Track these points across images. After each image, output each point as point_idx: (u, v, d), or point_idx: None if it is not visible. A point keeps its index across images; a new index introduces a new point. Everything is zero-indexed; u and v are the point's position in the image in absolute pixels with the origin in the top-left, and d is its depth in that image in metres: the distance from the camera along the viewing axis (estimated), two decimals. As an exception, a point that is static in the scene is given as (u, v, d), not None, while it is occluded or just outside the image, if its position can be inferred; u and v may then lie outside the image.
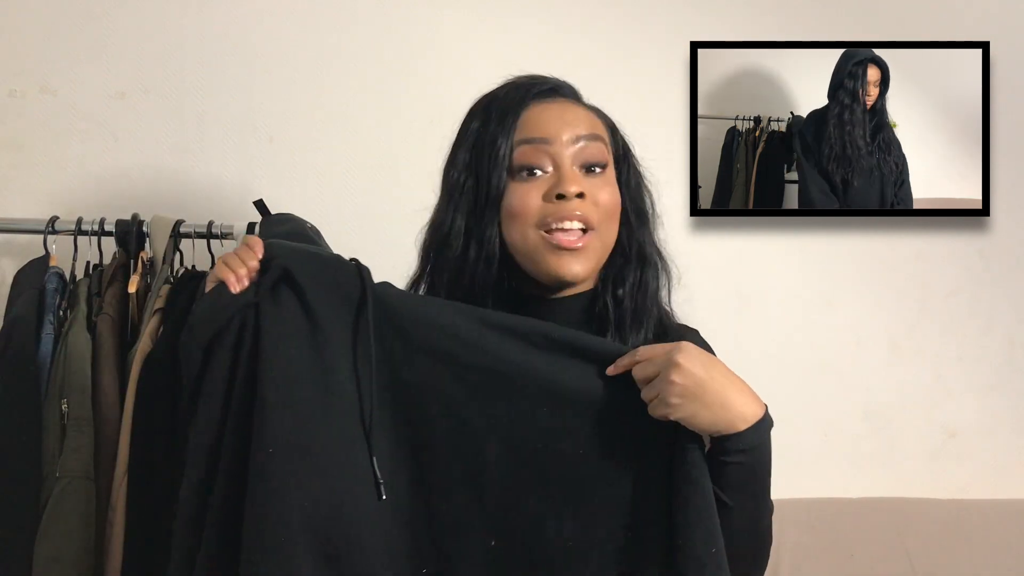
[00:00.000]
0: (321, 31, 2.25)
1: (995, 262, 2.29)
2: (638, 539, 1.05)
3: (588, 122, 1.17)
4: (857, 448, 2.27)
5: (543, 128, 1.14)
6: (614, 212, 1.16)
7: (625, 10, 2.28)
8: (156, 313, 1.86)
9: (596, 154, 1.15)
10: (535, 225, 1.13)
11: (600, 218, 1.14)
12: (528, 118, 1.15)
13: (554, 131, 1.14)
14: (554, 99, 1.18)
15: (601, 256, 1.16)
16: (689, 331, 1.24)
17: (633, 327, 1.17)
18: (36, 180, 2.21)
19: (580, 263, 1.13)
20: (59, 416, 1.80)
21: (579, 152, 1.14)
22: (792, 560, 2.04)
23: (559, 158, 1.13)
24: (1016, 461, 2.29)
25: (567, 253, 1.12)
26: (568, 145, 1.14)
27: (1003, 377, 2.29)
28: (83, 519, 1.77)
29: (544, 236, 1.13)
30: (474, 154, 1.16)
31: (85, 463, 1.79)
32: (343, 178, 2.25)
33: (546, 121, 1.15)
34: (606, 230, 1.16)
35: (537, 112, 1.16)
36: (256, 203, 2.02)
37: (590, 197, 1.13)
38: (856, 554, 2.05)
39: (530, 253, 1.14)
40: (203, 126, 2.24)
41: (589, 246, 1.14)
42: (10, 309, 1.86)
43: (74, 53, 2.22)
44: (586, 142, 1.15)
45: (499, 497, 1.05)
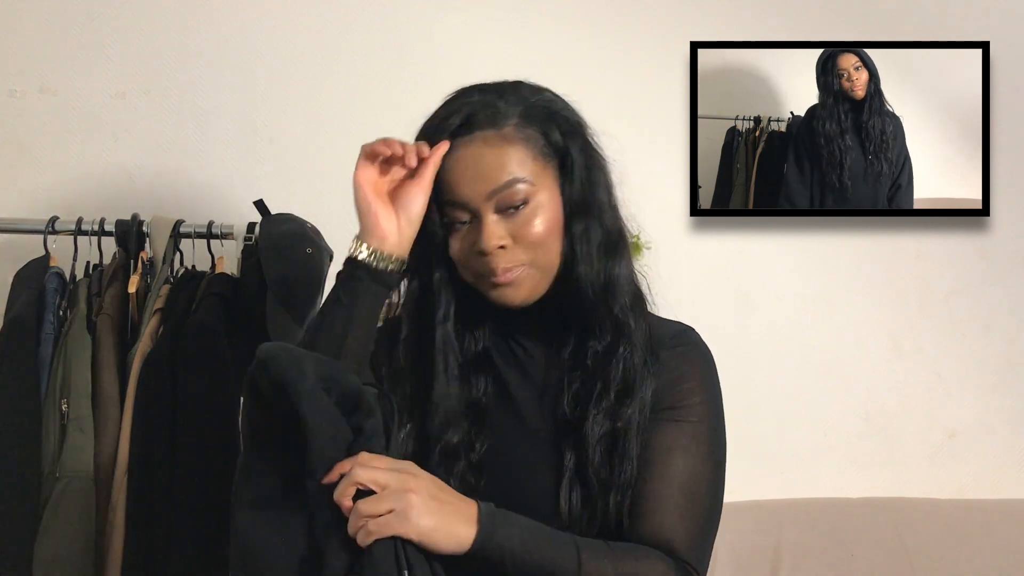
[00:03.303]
0: (321, 31, 2.26)
1: (995, 262, 2.29)
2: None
3: (503, 168, 1.15)
4: (857, 448, 2.27)
5: (456, 190, 1.16)
6: (545, 238, 1.16)
7: (625, 10, 2.28)
8: (156, 313, 1.86)
9: (512, 197, 1.15)
10: (472, 272, 1.17)
11: (528, 253, 1.15)
12: (445, 175, 1.17)
13: (467, 193, 1.15)
14: (469, 137, 1.17)
15: (542, 277, 1.17)
16: (682, 328, 1.24)
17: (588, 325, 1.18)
18: (36, 180, 2.21)
19: (519, 292, 1.16)
20: (59, 416, 1.80)
21: (498, 201, 1.15)
22: (792, 560, 2.04)
23: (477, 212, 1.15)
24: (1016, 461, 2.29)
25: (503, 287, 1.16)
26: (484, 200, 1.15)
27: (1003, 377, 2.29)
28: (83, 519, 1.77)
29: (481, 279, 1.17)
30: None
31: (85, 463, 1.79)
32: (343, 178, 2.24)
33: (459, 181, 1.15)
34: (541, 255, 1.16)
35: (453, 167, 1.16)
36: (256, 203, 2.03)
37: (513, 241, 1.15)
38: (856, 554, 2.05)
39: (475, 286, 1.18)
40: (203, 126, 2.24)
41: (524, 276, 1.16)
42: (10, 309, 1.86)
43: (74, 53, 2.22)
44: (501, 191, 1.14)
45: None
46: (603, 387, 1.16)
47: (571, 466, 1.15)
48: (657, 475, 1.13)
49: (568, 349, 1.20)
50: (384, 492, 0.98)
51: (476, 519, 1.02)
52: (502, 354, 1.23)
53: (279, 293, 1.84)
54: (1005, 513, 2.14)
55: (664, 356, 1.18)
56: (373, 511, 0.97)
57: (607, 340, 1.17)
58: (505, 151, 1.15)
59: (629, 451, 1.14)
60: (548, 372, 1.21)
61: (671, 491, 1.13)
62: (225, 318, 1.84)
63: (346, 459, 0.99)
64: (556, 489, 1.14)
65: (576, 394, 1.17)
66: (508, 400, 1.21)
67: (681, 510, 1.12)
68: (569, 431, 1.16)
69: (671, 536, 1.11)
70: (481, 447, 1.18)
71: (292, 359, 1.01)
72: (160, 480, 1.74)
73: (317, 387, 0.99)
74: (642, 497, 1.13)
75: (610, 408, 1.15)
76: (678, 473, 1.14)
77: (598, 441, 1.14)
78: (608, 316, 1.18)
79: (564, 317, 1.20)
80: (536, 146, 1.17)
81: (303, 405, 0.98)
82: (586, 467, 1.14)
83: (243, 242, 1.97)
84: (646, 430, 1.15)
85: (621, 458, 1.14)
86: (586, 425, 1.14)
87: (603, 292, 1.18)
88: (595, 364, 1.17)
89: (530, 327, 1.22)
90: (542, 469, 1.16)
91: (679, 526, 1.12)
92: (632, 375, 1.16)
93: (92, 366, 1.83)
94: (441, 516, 1.00)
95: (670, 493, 1.13)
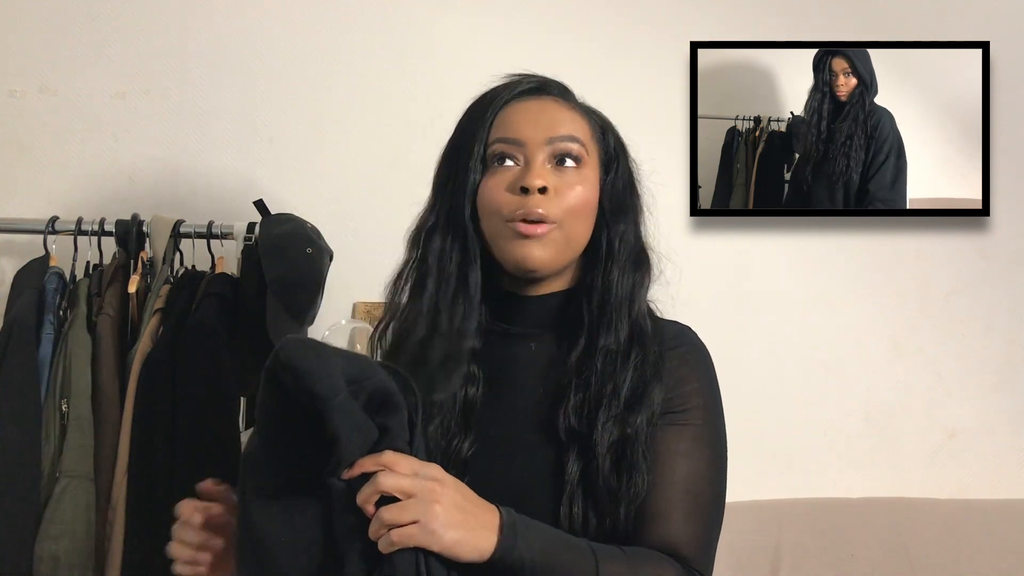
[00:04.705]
0: (321, 31, 2.26)
1: (995, 262, 2.29)
2: None
3: (567, 124, 1.18)
4: (857, 448, 2.27)
5: (516, 129, 1.16)
6: (582, 209, 1.17)
7: (625, 10, 2.28)
8: (156, 313, 1.86)
9: (569, 148, 1.17)
10: (501, 215, 1.15)
11: (563, 213, 1.15)
12: (505, 116, 1.18)
13: (527, 133, 1.16)
14: (538, 97, 1.19)
15: (564, 248, 1.17)
16: (680, 328, 1.23)
17: (604, 326, 1.17)
18: (36, 180, 2.21)
19: (540, 249, 1.15)
20: (59, 416, 1.80)
21: (552, 149, 1.16)
22: (792, 560, 2.04)
23: (530, 155, 1.16)
24: (1016, 461, 2.29)
25: (528, 240, 1.14)
26: (540, 145, 1.16)
27: (1003, 377, 2.29)
28: (83, 519, 1.77)
29: (508, 225, 1.15)
30: (455, 150, 1.21)
31: (85, 463, 1.79)
32: (343, 178, 2.25)
33: (520, 122, 1.17)
34: (570, 225, 1.16)
35: (515, 111, 1.18)
36: (256, 203, 2.03)
37: (554, 191, 1.15)
38: (856, 554, 2.05)
39: (496, 240, 1.17)
40: (203, 126, 2.24)
41: (550, 236, 1.15)
42: (10, 309, 1.86)
43: (74, 53, 2.22)
44: (560, 140, 1.16)
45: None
46: (613, 392, 1.13)
47: (574, 478, 1.11)
48: (660, 479, 1.12)
49: (576, 352, 1.17)
50: (409, 502, 0.96)
51: (498, 528, 1.00)
52: (499, 349, 1.20)
53: (279, 293, 1.84)
54: (1005, 513, 2.14)
55: (664, 357, 1.17)
56: (397, 520, 0.95)
57: (622, 342, 1.16)
58: (572, 115, 1.19)
59: (637, 460, 1.11)
60: (548, 373, 1.18)
61: (675, 496, 1.12)
62: (225, 318, 1.84)
63: (368, 457, 0.97)
64: (555, 504, 1.11)
65: (581, 401, 1.14)
66: (499, 400, 1.18)
67: (686, 515, 1.11)
68: (574, 440, 1.13)
69: (677, 541, 1.10)
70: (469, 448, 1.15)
71: (322, 365, 0.98)
72: (160, 480, 1.74)
73: (349, 397, 0.97)
74: (646, 502, 1.12)
75: (620, 415, 1.12)
76: (681, 477, 1.12)
77: (608, 450, 1.11)
78: (627, 318, 1.17)
79: (578, 314, 1.19)
80: (595, 132, 1.21)
81: (335, 416, 0.96)
82: (595, 478, 1.11)
83: (243, 242, 1.97)
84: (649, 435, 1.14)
85: (630, 468, 1.11)
86: (595, 433, 1.11)
87: (629, 294, 1.18)
88: (605, 366, 1.15)
89: (542, 318, 1.20)
90: (537, 482, 1.13)
91: (684, 531, 1.11)
92: (644, 381, 1.14)
93: (92, 366, 1.83)
94: (465, 529, 0.98)
95: (674, 498, 1.11)
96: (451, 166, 1.20)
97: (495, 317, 1.20)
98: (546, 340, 1.20)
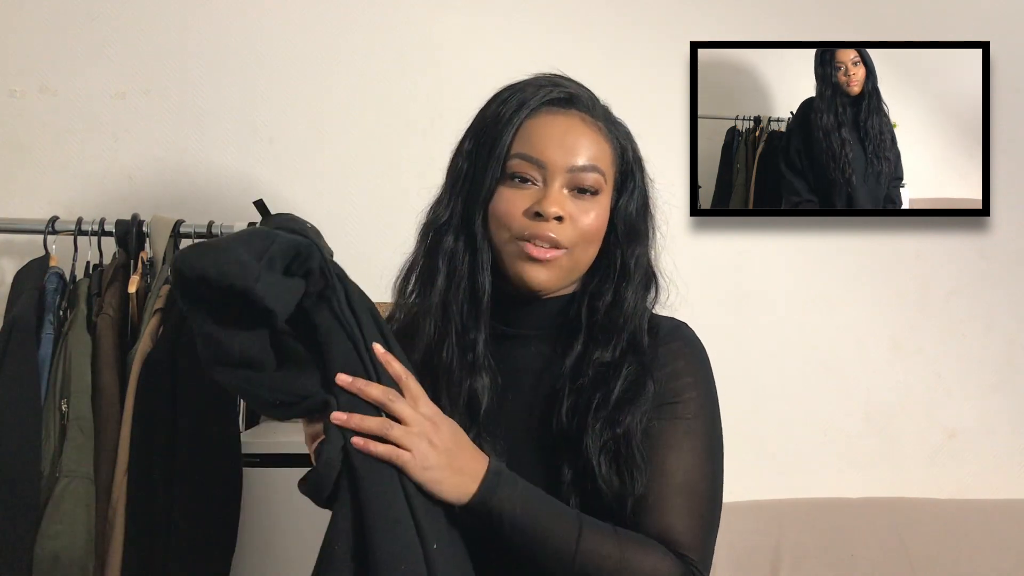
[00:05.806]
0: (321, 31, 2.26)
1: (995, 262, 2.29)
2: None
3: (590, 149, 1.17)
4: (857, 448, 2.27)
5: (540, 148, 1.16)
6: (594, 235, 1.18)
7: (625, 10, 2.28)
8: (156, 313, 1.86)
9: (586, 181, 1.16)
10: (511, 231, 1.16)
11: (575, 239, 1.16)
12: (531, 129, 1.17)
13: (550, 155, 1.15)
14: (566, 112, 1.18)
15: (570, 272, 1.18)
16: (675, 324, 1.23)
17: (602, 340, 1.18)
18: (36, 180, 2.21)
19: (546, 273, 1.16)
20: (59, 416, 1.80)
21: (572, 178, 1.16)
22: (792, 560, 2.04)
23: (549, 179, 1.16)
24: (1016, 461, 2.29)
25: (535, 263, 1.15)
26: (561, 172, 1.16)
27: (1003, 377, 2.29)
28: (83, 518, 1.77)
29: (518, 244, 1.15)
30: (476, 147, 1.20)
31: (85, 463, 1.79)
32: (343, 178, 2.25)
33: (545, 141, 1.16)
34: (581, 251, 1.17)
35: (542, 125, 1.17)
36: (256, 203, 2.01)
37: (570, 220, 1.15)
38: (856, 554, 2.05)
39: (503, 256, 1.17)
40: (203, 126, 2.24)
41: (558, 262, 1.16)
42: (10, 309, 1.86)
43: (74, 53, 2.22)
44: (581, 170, 1.16)
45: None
46: (602, 399, 1.14)
47: (567, 480, 1.13)
48: (656, 473, 1.13)
49: (571, 357, 1.18)
50: (408, 429, 1.03)
51: (482, 477, 1.05)
52: (498, 350, 1.20)
53: (279, 293, 1.84)
54: (1005, 513, 2.14)
55: (659, 352, 1.18)
56: (399, 440, 1.02)
57: (616, 356, 1.17)
58: (598, 139, 1.19)
59: (635, 458, 1.12)
60: (542, 378, 1.19)
61: (671, 489, 1.12)
62: (225, 318, 1.83)
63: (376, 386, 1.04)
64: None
65: (574, 405, 1.15)
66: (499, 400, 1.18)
67: (682, 508, 1.12)
68: (566, 443, 1.14)
69: (674, 534, 1.11)
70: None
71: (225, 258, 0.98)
72: (160, 480, 1.74)
73: (267, 271, 0.99)
74: (643, 496, 1.12)
75: (610, 416, 1.13)
76: (677, 471, 1.13)
77: (601, 452, 1.12)
78: (627, 333, 1.18)
79: (576, 320, 1.19)
80: (615, 154, 1.21)
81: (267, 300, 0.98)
82: (592, 480, 1.12)
83: (243, 242, 1.96)
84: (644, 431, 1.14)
85: (630, 467, 1.12)
86: (586, 436, 1.13)
87: (634, 313, 1.19)
88: (596, 375, 1.16)
89: (542, 321, 1.20)
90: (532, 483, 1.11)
91: (681, 524, 1.11)
92: (636, 382, 1.15)
93: (92, 366, 1.83)
94: (449, 472, 1.04)
95: (670, 491, 1.12)
96: (469, 163, 1.19)
97: (495, 318, 1.21)
98: (544, 343, 1.21)
